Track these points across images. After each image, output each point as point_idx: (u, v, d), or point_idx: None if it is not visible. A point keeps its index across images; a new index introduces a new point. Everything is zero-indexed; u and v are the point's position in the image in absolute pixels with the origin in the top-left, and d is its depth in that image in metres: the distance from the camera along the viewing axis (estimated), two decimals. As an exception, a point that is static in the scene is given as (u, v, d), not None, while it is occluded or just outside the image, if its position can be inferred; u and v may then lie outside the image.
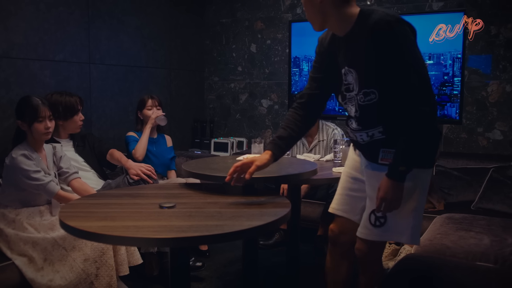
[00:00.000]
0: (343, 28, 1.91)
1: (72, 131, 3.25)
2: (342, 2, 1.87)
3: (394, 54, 1.78)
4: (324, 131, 3.70)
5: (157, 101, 3.63)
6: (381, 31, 1.77)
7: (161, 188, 2.32)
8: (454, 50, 3.92)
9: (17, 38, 3.38)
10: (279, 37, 4.86)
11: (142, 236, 1.49)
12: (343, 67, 1.96)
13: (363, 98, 1.90)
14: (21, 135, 2.59)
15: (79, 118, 3.21)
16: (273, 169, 2.32)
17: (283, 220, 1.73)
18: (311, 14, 1.96)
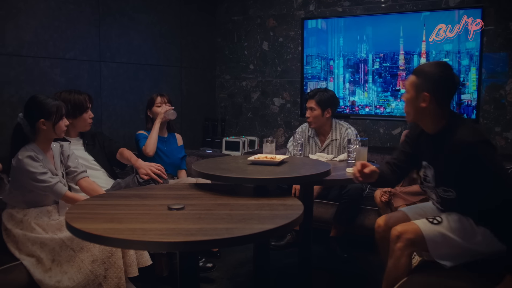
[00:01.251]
0: (433, 129, 2.17)
1: (82, 129, 3.21)
2: (440, 106, 2.12)
3: (477, 170, 2.02)
4: (337, 130, 3.61)
5: (167, 99, 3.59)
6: (467, 149, 2.01)
7: (170, 188, 2.27)
8: (471, 47, 3.83)
9: (27, 36, 3.36)
10: (292, 34, 4.79)
11: (149, 240, 1.43)
12: (424, 161, 2.23)
13: (443, 192, 2.18)
14: (23, 135, 2.54)
15: (89, 116, 3.18)
16: (285, 170, 2.26)
17: (295, 223, 1.67)
18: (410, 109, 2.21)
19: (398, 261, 2.19)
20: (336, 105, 3.58)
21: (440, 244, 2.13)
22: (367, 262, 3.48)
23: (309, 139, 3.69)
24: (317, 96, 3.45)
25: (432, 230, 2.14)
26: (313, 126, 3.54)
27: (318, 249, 3.59)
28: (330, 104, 3.49)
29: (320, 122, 3.50)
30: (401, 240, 2.16)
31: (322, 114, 3.47)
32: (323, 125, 3.55)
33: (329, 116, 3.51)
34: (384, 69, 4.25)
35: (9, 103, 3.27)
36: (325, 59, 4.52)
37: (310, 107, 3.47)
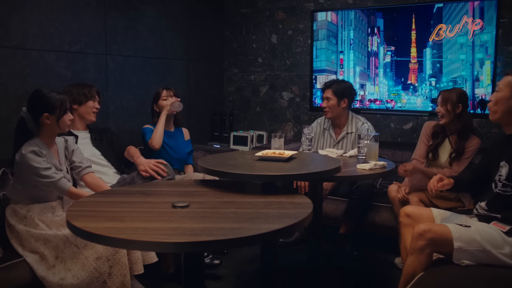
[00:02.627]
0: None
1: (87, 118, 3.15)
2: None
3: None
4: (353, 123, 3.54)
5: (173, 92, 3.53)
6: None
7: (175, 185, 2.20)
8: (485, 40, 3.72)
9: (32, 28, 3.30)
10: (301, 27, 4.71)
11: (151, 240, 1.37)
12: (502, 161, 2.30)
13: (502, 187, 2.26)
14: (27, 130, 2.50)
15: (94, 105, 3.14)
16: (294, 166, 2.19)
17: (303, 223, 1.60)
18: (499, 108, 2.28)
19: (418, 259, 2.20)
20: (353, 96, 3.53)
21: (466, 248, 2.13)
22: (377, 260, 3.41)
23: (323, 131, 3.65)
24: (333, 86, 3.44)
25: (462, 233, 2.15)
26: (329, 116, 3.49)
27: (328, 246, 3.52)
28: (347, 94, 3.45)
29: (336, 112, 3.46)
30: (424, 239, 2.17)
31: (338, 104, 3.43)
32: (339, 116, 3.51)
33: (345, 106, 3.47)
34: (395, 62, 4.16)
35: (14, 97, 3.22)
36: (335, 52, 4.43)
37: (327, 97, 3.44)
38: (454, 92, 3.08)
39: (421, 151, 3.22)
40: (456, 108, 3.05)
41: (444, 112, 3.07)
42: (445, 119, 3.08)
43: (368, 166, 2.60)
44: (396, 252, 3.13)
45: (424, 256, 2.20)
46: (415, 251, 2.22)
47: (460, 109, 3.05)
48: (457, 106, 3.05)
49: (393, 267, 3.22)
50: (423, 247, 2.19)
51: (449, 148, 3.12)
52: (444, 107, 3.06)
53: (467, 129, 3.09)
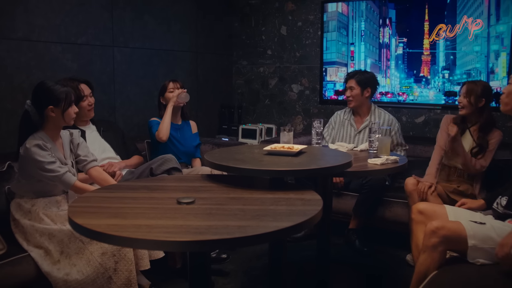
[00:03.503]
0: None
1: (85, 117, 3.09)
2: None
3: None
4: (376, 114, 3.57)
5: (179, 84, 3.47)
6: None
7: (181, 180, 2.15)
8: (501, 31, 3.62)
9: (37, 20, 3.26)
10: (311, 18, 4.62)
11: (154, 239, 1.32)
12: None
13: None
14: (31, 123, 2.45)
15: (87, 103, 3.04)
16: (303, 161, 2.13)
17: (313, 220, 1.54)
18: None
19: (430, 257, 2.15)
20: (375, 85, 3.58)
21: (481, 246, 2.07)
22: (388, 256, 3.34)
23: (344, 122, 3.64)
24: (357, 76, 3.50)
25: (477, 231, 2.09)
26: (353, 105, 3.54)
27: (337, 242, 3.46)
28: (370, 83, 3.52)
29: (360, 101, 3.51)
30: (437, 236, 2.12)
31: (362, 93, 3.48)
32: (362, 105, 3.55)
33: (368, 95, 3.53)
34: (407, 54, 4.07)
35: (20, 89, 3.19)
36: (346, 44, 4.35)
37: (350, 87, 3.50)
38: (479, 85, 3.01)
39: (444, 139, 3.13)
40: (478, 101, 2.98)
41: (466, 104, 3.00)
42: (465, 111, 3.02)
43: (380, 161, 2.53)
44: (408, 249, 3.06)
45: (437, 254, 2.14)
46: (428, 249, 2.16)
47: (483, 103, 2.99)
48: (480, 100, 2.98)
49: (404, 264, 3.15)
50: (436, 244, 2.13)
51: (470, 140, 3.05)
52: (467, 98, 3.00)
53: (489, 124, 3.02)
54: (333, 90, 4.44)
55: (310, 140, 3.13)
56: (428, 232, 2.15)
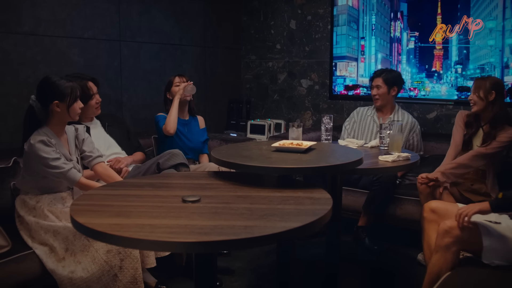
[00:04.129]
0: None
1: (92, 115, 3.06)
2: None
3: None
4: (399, 114, 3.60)
5: (185, 78, 3.41)
6: None
7: (187, 177, 2.10)
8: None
9: (44, 14, 3.22)
10: (321, 12, 4.55)
11: (156, 239, 1.27)
12: None
13: None
14: (36, 118, 2.42)
15: (95, 101, 3.00)
16: (312, 158, 2.07)
17: (322, 221, 1.49)
18: None
19: (443, 257, 2.09)
20: (401, 84, 3.62)
21: (496, 246, 2.00)
22: (399, 255, 3.28)
23: (366, 118, 3.67)
24: (384, 75, 3.54)
25: (492, 230, 2.03)
26: (379, 104, 3.57)
27: (346, 239, 3.40)
28: (397, 82, 3.55)
29: (386, 99, 3.55)
30: (450, 236, 2.06)
31: (388, 92, 3.52)
32: (387, 104, 3.58)
33: (395, 94, 3.56)
34: (419, 49, 3.99)
35: (26, 84, 3.16)
36: (356, 38, 4.28)
37: (377, 85, 3.53)
38: (488, 80, 2.92)
39: (460, 136, 3.04)
40: (488, 95, 2.87)
41: (476, 99, 2.91)
42: (477, 107, 2.92)
43: (391, 158, 2.46)
44: (419, 247, 3.00)
45: (450, 255, 2.08)
46: (441, 249, 2.11)
47: (493, 96, 2.87)
48: (490, 92, 2.87)
49: (415, 263, 3.09)
50: (449, 245, 2.07)
51: None
52: (476, 93, 2.90)
53: (500, 118, 2.89)
54: (343, 85, 4.37)
55: (319, 136, 3.07)
56: (441, 231, 2.09)
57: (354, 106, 4.43)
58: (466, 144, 3.01)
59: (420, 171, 3.13)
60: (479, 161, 2.87)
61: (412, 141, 3.52)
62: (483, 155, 2.85)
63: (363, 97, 4.30)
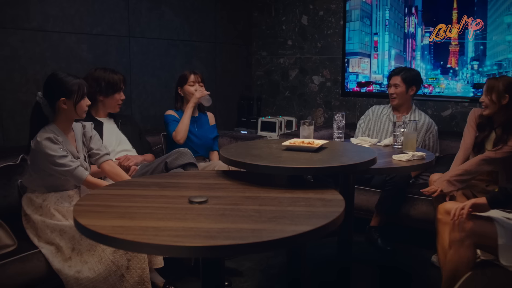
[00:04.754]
0: None
1: (111, 110, 3.07)
2: None
3: None
4: (416, 114, 3.52)
5: (200, 77, 3.36)
6: None
7: (195, 176, 2.04)
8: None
9: (52, 10, 3.19)
10: (333, 7, 4.46)
11: (160, 243, 1.22)
12: None
13: None
14: (42, 115, 2.38)
15: (120, 97, 3.04)
16: (324, 158, 2.01)
17: (334, 224, 1.42)
18: None
19: (457, 253, 2.04)
20: (420, 84, 3.55)
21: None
22: (412, 256, 3.20)
23: (381, 116, 3.59)
24: (402, 73, 3.45)
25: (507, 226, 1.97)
26: (396, 103, 3.49)
27: (358, 239, 3.33)
28: (415, 81, 3.48)
29: (404, 99, 3.48)
30: (462, 229, 2.01)
31: (407, 91, 3.45)
32: (405, 103, 3.51)
33: (413, 94, 3.49)
34: (434, 45, 3.89)
35: (34, 80, 3.12)
36: (369, 34, 4.19)
37: (395, 84, 3.46)
38: (501, 81, 2.69)
39: (471, 136, 2.90)
40: (501, 98, 2.66)
41: (488, 103, 2.70)
42: (489, 110, 2.72)
43: (405, 158, 2.39)
44: (433, 248, 2.92)
45: (464, 250, 2.03)
46: (454, 244, 2.05)
47: (507, 100, 2.66)
48: (503, 96, 2.65)
49: (429, 264, 3.01)
50: (462, 238, 2.02)
51: None
52: (489, 96, 2.69)
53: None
54: (355, 82, 4.29)
55: (331, 134, 3.00)
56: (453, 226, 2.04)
57: (367, 103, 4.35)
58: (478, 147, 2.83)
59: (434, 171, 3.05)
60: (487, 166, 2.68)
61: (428, 141, 3.43)
62: (492, 160, 2.66)
63: (376, 94, 4.22)
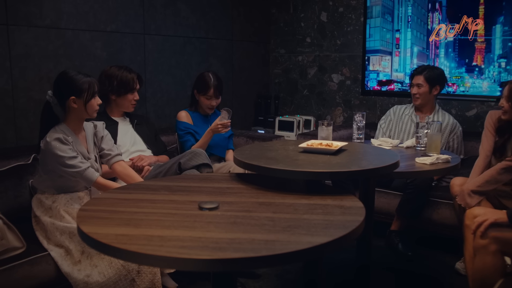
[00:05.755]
0: None
1: (125, 109, 3.01)
2: None
3: None
4: (439, 114, 3.36)
5: (219, 91, 3.25)
6: None
7: (207, 180, 1.95)
8: None
9: (66, 7, 3.13)
10: (353, 3, 4.34)
11: (164, 255, 1.13)
12: None
13: None
14: (52, 115, 2.33)
15: (133, 97, 2.96)
16: (343, 161, 1.90)
17: (353, 235, 1.32)
18: None
19: (482, 260, 1.96)
20: (444, 83, 3.39)
21: None
22: (435, 262, 3.07)
23: (403, 117, 3.46)
24: (426, 72, 3.30)
25: None
26: (418, 103, 3.35)
27: (378, 243, 3.21)
28: (440, 81, 3.32)
29: (427, 99, 3.33)
30: (484, 236, 1.95)
31: (430, 91, 3.30)
32: (428, 103, 3.37)
33: (437, 93, 3.35)
34: (459, 42, 3.74)
35: (47, 78, 3.08)
36: (391, 31, 4.06)
37: (418, 84, 3.31)
38: None
39: (490, 142, 2.74)
40: None
41: (508, 109, 2.49)
42: (508, 116, 2.51)
43: (429, 161, 2.26)
44: (457, 255, 2.80)
45: (490, 257, 1.93)
46: (479, 251, 1.96)
47: None
48: None
49: (453, 271, 2.87)
50: (486, 245, 1.93)
51: None
52: (510, 103, 2.48)
53: None
54: (376, 81, 4.16)
55: (351, 134, 2.89)
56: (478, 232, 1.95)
57: (388, 102, 4.22)
58: (500, 151, 2.62)
59: (457, 174, 2.91)
60: (507, 175, 2.46)
61: (452, 143, 3.29)
62: None
63: (397, 93, 4.08)
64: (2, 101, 2.92)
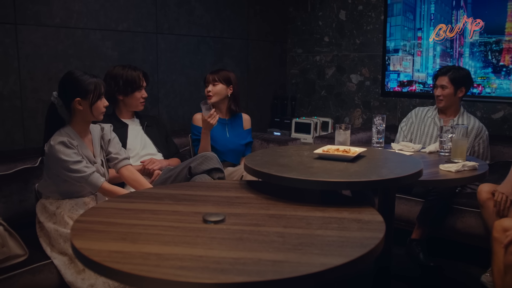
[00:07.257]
0: None
1: (134, 109, 2.92)
2: None
3: None
4: (464, 117, 3.21)
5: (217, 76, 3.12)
6: None
7: (214, 188, 1.83)
8: None
9: (76, 5, 3.06)
10: (373, 1, 4.19)
11: (160, 277, 1.01)
12: None
13: None
14: (58, 117, 2.24)
15: (141, 95, 2.88)
16: (361, 169, 1.76)
17: (372, 255, 1.19)
18: None
19: None
20: (470, 84, 3.23)
21: None
22: (458, 274, 2.91)
23: (426, 119, 3.31)
24: (451, 73, 3.16)
25: None
26: (442, 105, 3.20)
27: (398, 252, 3.06)
28: (465, 82, 3.17)
29: (451, 101, 3.19)
30: None
31: (455, 93, 3.16)
32: (452, 105, 3.21)
33: (462, 96, 3.20)
34: (485, 41, 3.56)
35: (57, 79, 2.95)
36: (412, 30, 3.90)
37: (442, 85, 3.16)
38: None
39: None
40: None
41: None
42: None
43: (455, 168, 2.11)
44: (483, 266, 2.63)
45: None
46: (510, 269, 1.79)
47: None
48: None
49: (478, 284, 2.71)
50: None
51: None
52: None
53: None
54: (396, 81, 4.00)
55: (370, 137, 2.75)
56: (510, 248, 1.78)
57: (409, 104, 4.06)
58: None
59: (484, 180, 2.75)
60: None
61: (477, 148, 3.12)
62: None
63: (419, 94, 3.92)
64: (10, 102, 2.85)
